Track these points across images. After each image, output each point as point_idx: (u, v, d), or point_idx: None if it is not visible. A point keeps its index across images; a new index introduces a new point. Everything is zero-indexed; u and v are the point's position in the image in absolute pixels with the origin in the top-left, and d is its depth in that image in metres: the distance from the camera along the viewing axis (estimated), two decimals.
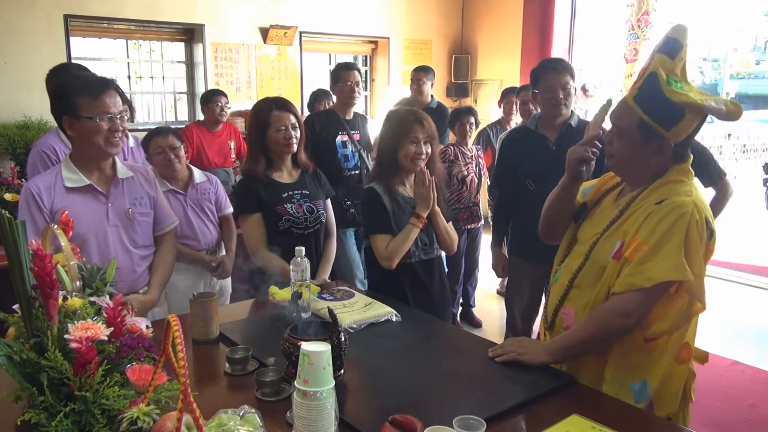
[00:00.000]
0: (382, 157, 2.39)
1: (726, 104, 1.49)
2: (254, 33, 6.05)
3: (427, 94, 4.83)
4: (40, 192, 1.99)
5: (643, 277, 1.49)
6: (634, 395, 1.57)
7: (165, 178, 2.84)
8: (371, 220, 2.35)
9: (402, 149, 2.30)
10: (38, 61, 4.69)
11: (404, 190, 2.38)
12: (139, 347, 1.23)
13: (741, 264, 5.88)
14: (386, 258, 2.28)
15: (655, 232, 1.50)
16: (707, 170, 3.21)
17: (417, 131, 2.29)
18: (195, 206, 2.88)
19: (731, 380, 3.57)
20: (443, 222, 2.41)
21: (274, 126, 2.40)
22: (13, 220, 1.23)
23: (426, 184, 2.28)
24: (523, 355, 1.64)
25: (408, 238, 2.28)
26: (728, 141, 11.33)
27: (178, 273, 2.78)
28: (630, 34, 5.73)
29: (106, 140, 1.99)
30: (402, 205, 2.34)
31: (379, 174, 2.39)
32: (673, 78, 1.52)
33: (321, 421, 1.17)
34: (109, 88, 2.00)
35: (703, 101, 1.49)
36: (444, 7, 7.34)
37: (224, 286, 3.06)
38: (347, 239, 3.71)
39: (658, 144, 1.57)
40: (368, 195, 2.36)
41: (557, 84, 2.76)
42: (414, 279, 2.37)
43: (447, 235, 2.43)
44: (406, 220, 2.30)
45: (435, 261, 2.45)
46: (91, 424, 1.17)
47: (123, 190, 2.13)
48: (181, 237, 2.82)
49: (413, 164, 2.31)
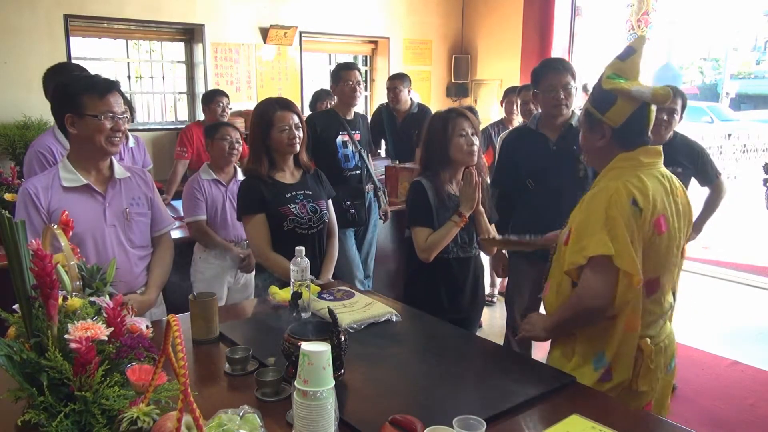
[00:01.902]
0: (432, 153, 2.42)
1: (653, 90, 1.64)
2: (254, 33, 6.05)
3: (406, 101, 4.75)
4: (37, 192, 2.00)
5: (579, 255, 1.65)
6: (594, 365, 1.72)
7: (215, 167, 3.13)
8: (414, 212, 2.41)
9: (453, 145, 2.35)
10: (38, 61, 4.67)
11: (451, 187, 2.42)
12: (139, 347, 1.23)
13: (741, 264, 5.88)
14: (424, 250, 2.34)
15: (582, 216, 1.69)
16: (705, 170, 3.23)
17: (463, 124, 2.35)
18: (233, 200, 3.03)
19: (731, 380, 3.57)
20: (486, 223, 2.44)
21: (278, 126, 2.40)
22: (13, 220, 1.23)
23: (473, 185, 2.32)
24: (529, 332, 1.86)
25: (448, 235, 2.33)
26: (728, 141, 11.33)
27: (206, 262, 2.95)
28: (630, 34, 5.72)
29: (108, 139, 2.00)
30: (446, 201, 2.38)
31: (427, 169, 2.44)
32: (617, 74, 1.71)
33: (321, 421, 1.17)
34: (114, 88, 2.03)
35: (630, 87, 1.66)
36: (444, 7, 7.34)
37: (249, 280, 3.16)
38: (347, 240, 3.71)
39: (600, 130, 1.73)
40: (415, 188, 2.41)
41: (558, 84, 2.76)
42: (448, 275, 2.42)
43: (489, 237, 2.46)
44: (448, 216, 2.34)
45: (472, 260, 2.48)
46: (91, 424, 1.17)
47: (120, 190, 2.13)
48: (214, 226, 3.07)
49: (468, 156, 2.36)
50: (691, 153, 3.19)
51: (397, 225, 4.18)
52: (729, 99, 18.08)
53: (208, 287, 2.82)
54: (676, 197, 1.73)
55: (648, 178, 1.67)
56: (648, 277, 1.67)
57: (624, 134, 1.70)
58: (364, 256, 3.93)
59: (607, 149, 1.73)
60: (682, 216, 1.74)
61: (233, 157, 3.14)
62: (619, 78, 1.70)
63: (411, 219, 2.44)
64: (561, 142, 2.80)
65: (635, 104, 1.67)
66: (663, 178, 1.71)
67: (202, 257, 3.07)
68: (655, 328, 1.74)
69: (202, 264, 3.07)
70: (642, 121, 1.70)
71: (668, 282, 1.76)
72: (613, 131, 1.71)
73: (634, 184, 1.64)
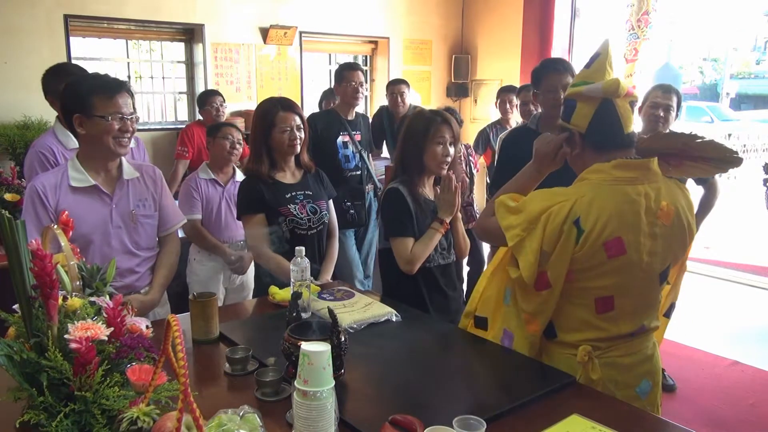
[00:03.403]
0: (406, 157, 2.33)
1: (603, 83, 1.62)
2: (254, 33, 6.05)
3: (408, 105, 4.79)
4: (45, 191, 2.00)
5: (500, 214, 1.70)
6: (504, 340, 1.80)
7: (214, 167, 3.14)
8: (394, 222, 2.28)
9: (428, 150, 2.26)
10: (38, 61, 4.67)
11: (425, 192, 2.35)
12: (139, 347, 1.23)
13: (741, 264, 5.88)
14: (409, 262, 2.23)
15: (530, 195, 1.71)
16: None
17: (444, 132, 2.26)
18: (230, 200, 3.09)
19: (731, 380, 3.57)
20: (462, 227, 2.41)
21: (280, 126, 2.39)
22: (13, 220, 1.23)
23: (452, 190, 2.26)
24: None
25: (431, 243, 2.25)
26: (728, 141, 11.33)
27: (200, 263, 2.96)
28: (630, 34, 5.72)
29: (116, 140, 2.00)
30: (423, 208, 2.30)
31: (401, 175, 2.34)
32: (584, 81, 1.67)
33: (321, 421, 1.17)
34: (123, 89, 2.03)
35: (582, 88, 1.65)
36: (444, 7, 7.34)
37: (246, 281, 3.16)
38: (347, 240, 3.71)
39: (572, 138, 1.70)
40: (392, 196, 2.29)
41: (559, 84, 2.76)
42: (433, 283, 2.34)
43: (464, 241, 2.43)
44: (428, 223, 2.27)
45: (452, 266, 2.42)
46: (91, 424, 1.17)
47: (128, 192, 2.13)
48: (207, 226, 3.08)
49: (439, 167, 2.27)
50: None
51: None
52: (729, 99, 18.09)
53: (203, 288, 2.82)
54: (656, 218, 1.59)
55: (613, 195, 1.57)
56: (600, 295, 1.61)
57: (594, 136, 1.64)
58: (364, 256, 3.94)
59: (585, 156, 1.67)
60: (661, 237, 1.60)
61: (233, 157, 3.14)
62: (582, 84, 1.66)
63: (391, 229, 2.29)
64: None
65: (594, 103, 1.62)
66: (640, 197, 1.57)
67: (197, 258, 3.07)
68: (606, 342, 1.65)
69: (197, 265, 3.07)
70: (609, 118, 1.62)
71: (630, 305, 1.64)
72: (583, 136, 1.66)
73: (589, 202, 1.56)
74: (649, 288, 1.67)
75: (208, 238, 3.03)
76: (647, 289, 1.67)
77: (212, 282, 3.04)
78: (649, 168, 1.62)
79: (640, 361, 1.70)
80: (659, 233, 1.60)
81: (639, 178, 1.60)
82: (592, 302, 1.63)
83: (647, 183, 1.61)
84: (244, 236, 3.03)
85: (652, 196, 1.60)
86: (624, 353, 1.67)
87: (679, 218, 1.65)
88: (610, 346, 1.66)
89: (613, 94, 1.61)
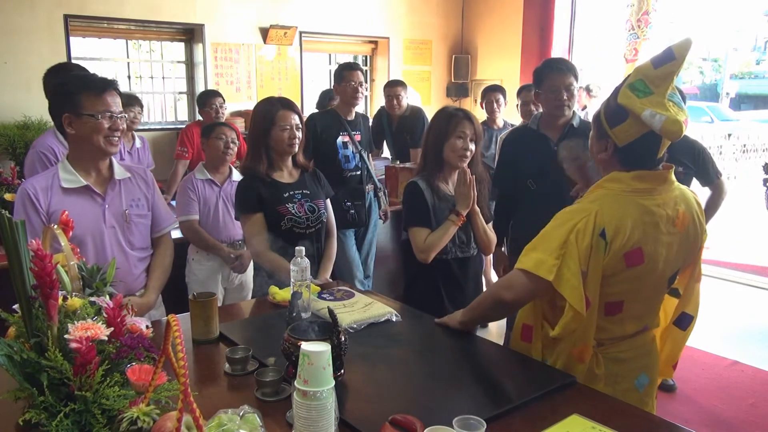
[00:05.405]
0: (428, 152, 2.42)
1: (665, 121, 1.48)
2: (254, 33, 6.05)
3: (405, 106, 4.88)
4: (36, 193, 1.99)
5: (520, 262, 1.63)
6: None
7: (210, 167, 3.12)
8: (411, 212, 2.40)
9: (448, 144, 2.34)
10: (38, 61, 4.68)
11: (446, 187, 2.41)
12: (139, 347, 1.23)
13: (741, 264, 5.88)
14: (423, 251, 2.32)
15: (547, 227, 1.63)
16: (706, 170, 3.23)
17: (465, 127, 2.33)
18: (227, 200, 3.08)
19: (731, 380, 3.57)
20: (482, 222, 2.44)
21: (279, 125, 2.40)
22: (13, 220, 1.23)
23: (467, 183, 2.31)
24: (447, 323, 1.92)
25: (446, 234, 2.33)
26: (728, 141, 11.33)
27: (199, 264, 2.96)
28: (630, 34, 5.72)
29: (106, 139, 1.99)
30: (443, 201, 2.37)
31: (423, 168, 2.43)
32: (644, 83, 1.53)
33: (321, 421, 1.17)
34: (111, 87, 2.01)
35: (641, 109, 1.50)
36: (444, 7, 7.34)
37: (245, 281, 3.16)
38: (347, 240, 3.71)
39: (605, 142, 1.63)
40: (411, 189, 2.39)
41: (561, 84, 2.76)
42: (449, 276, 2.41)
43: (485, 235, 2.45)
44: (446, 216, 2.34)
45: (471, 260, 2.48)
46: (91, 424, 1.17)
47: (120, 192, 2.12)
48: (205, 226, 3.06)
49: (459, 160, 2.34)
50: (691, 152, 3.18)
51: (397, 225, 4.18)
52: (729, 99, 18.10)
53: (202, 288, 2.82)
54: (673, 226, 1.60)
55: (632, 206, 1.56)
56: (611, 300, 1.61)
57: (627, 155, 1.59)
58: (364, 256, 3.93)
59: (608, 162, 1.64)
60: (676, 244, 1.62)
61: (228, 157, 3.13)
62: (643, 90, 1.52)
63: (408, 219, 2.42)
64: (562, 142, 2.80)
65: (644, 129, 1.52)
66: (659, 207, 1.58)
67: (195, 258, 3.07)
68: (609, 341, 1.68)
69: (196, 266, 3.07)
70: (651, 147, 1.56)
71: (638, 309, 1.66)
72: (616, 149, 1.60)
73: (611, 213, 1.55)
74: (657, 292, 1.70)
75: (205, 237, 3.03)
76: (656, 293, 1.70)
77: (211, 282, 3.04)
78: (666, 179, 1.62)
79: (640, 356, 1.73)
80: (674, 241, 1.62)
81: (657, 188, 1.60)
82: (601, 305, 1.62)
83: (664, 193, 1.61)
84: (242, 236, 3.05)
85: (670, 204, 1.61)
86: (625, 349, 1.70)
87: (693, 224, 1.66)
88: (613, 344, 1.69)
89: (671, 138, 1.52)
